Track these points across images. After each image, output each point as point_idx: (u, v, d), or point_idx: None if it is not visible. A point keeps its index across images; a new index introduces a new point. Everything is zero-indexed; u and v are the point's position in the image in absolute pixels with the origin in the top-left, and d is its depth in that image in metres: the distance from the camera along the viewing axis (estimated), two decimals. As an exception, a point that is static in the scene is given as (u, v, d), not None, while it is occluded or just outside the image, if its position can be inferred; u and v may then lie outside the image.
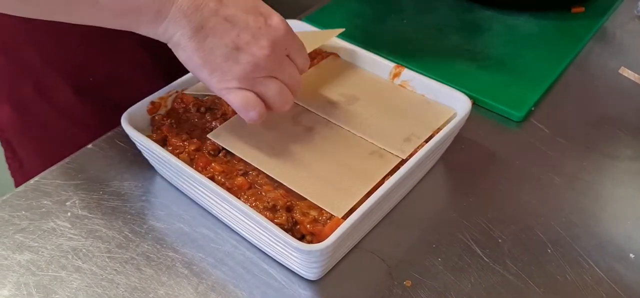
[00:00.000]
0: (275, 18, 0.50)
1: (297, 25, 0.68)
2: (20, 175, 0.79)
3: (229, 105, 0.52)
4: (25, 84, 0.68)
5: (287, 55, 0.51)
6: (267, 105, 0.51)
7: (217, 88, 0.49)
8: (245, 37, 0.48)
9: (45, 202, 0.54)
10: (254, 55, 0.48)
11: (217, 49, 0.48)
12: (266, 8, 0.50)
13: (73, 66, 0.67)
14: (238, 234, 0.51)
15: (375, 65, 0.62)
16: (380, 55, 0.63)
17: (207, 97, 0.59)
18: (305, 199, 0.49)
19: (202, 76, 0.49)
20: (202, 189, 0.51)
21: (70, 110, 0.70)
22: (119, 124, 0.54)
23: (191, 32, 0.47)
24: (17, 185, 0.79)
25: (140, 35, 0.49)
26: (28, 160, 0.76)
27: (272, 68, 0.49)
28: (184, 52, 0.48)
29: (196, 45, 0.47)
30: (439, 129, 0.55)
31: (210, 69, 0.48)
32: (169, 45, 0.49)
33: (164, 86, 0.58)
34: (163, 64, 0.69)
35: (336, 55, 0.65)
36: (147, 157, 0.56)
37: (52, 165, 0.58)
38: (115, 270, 0.49)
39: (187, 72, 0.59)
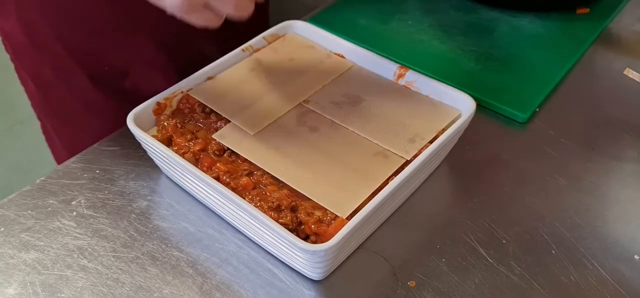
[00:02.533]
0: None
1: (301, 26, 0.68)
2: (54, 148, 0.81)
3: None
4: (45, 65, 0.69)
5: None
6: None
7: (175, 8, 0.46)
8: None
9: (51, 201, 0.54)
10: None
11: None
12: None
13: (88, 54, 0.68)
14: (242, 234, 0.52)
15: (380, 66, 0.63)
16: (385, 56, 0.63)
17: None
18: (310, 199, 0.49)
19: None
20: (207, 189, 0.51)
21: (85, 96, 0.71)
22: (130, 109, 0.54)
23: None
24: (54, 156, 0.81)
25: (156, 33, 0.49)
26: (55, 137, 0.78)
27: None
28: None
29: None
30: (443, 130, 0.55)
31: None
32: None
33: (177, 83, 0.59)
34: (177, 62, 0.69)
35: (341, 55, 0.65)
36: (152, 157, 0.56)
37: (70, 146, 0.58)
38: (121, 269, 0.49)
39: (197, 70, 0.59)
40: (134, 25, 0.50)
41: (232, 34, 0.65)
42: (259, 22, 0.83)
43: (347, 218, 0.46)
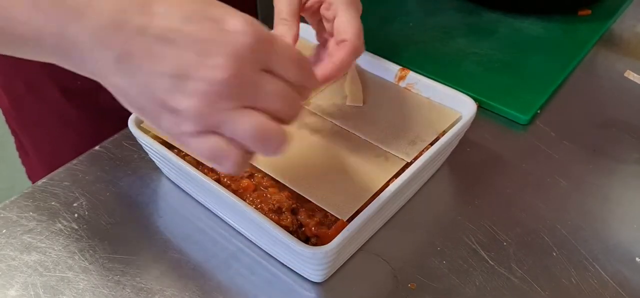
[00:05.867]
0: (235, 20, 0.33)
1: (303, 28, 0.68)
2: (28, 164, 0.80)
3: None
4: (18, 80, 0.67)
5: (266, 70, 0.34)
6: (247, 148, 0.35)
7: (171, 136, 0.35)
8: (189, 57, 0.32)
9: (52, 203, 0.54)
10: (206, 80, 0.32)
11: (154, 81, 0.32)
12: (220, 9, 0.34)
13: (59, 69, 0.67)
14: (243, 236, 0.52)
15: (381, 68, 0.63)
16: (386, 58, 0.63)
17: None
18: (310, 202, 0.49)
19: (155, 124, 0.35)
20: (208, 191, 0.51)
21: (60, 111, 0.69)
22: (109, 129, 0.54)
23: (114, 64, 0.32)
24: (28, 173, 0.80)
25: None
26: (31, 152, 0.77)
27: (239, 93, 0.33)
28: (118, 92, 0.34)
29: (125, 81, 0.33)
30: (444, 132, 0.55)
31: (152, 112, 0.34)
32: (103, 85, 0.35)
33: None
34: None
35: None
36: (153, 159, 0.56)
37: (48, 161, 0.58)
38: (122, 271, 0.49)
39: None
40: None
41: None
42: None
43: (347, 221, 0.46)
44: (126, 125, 0.53)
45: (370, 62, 0.63)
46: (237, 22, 0.33)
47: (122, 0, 0.32)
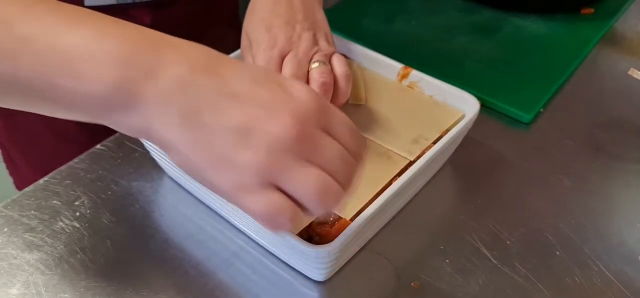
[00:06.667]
0: (300, 86, 0.35)
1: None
2: (18, 177, 0.80)
3: None
4: None
5: (326, 132, 0.35)
6: (302, 206, 0.34)
7: (230, 194, 0.34)
8: (257, 113, 0.33)
9: (54, 202, 0.54)
10: (272, 134, 0.33)
11: (219, 133, 0.33)
12: (287, 79, 0.36)
13: None
14: (245, 234, 0.51)
15: (383, 66, 0.62)
16: (388, 56, 0.63)
17: None
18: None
19: (208, 180, 0.34)
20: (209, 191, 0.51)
21: (55, 125, 0.68)
22: (105, 139, 0.54)
23: (180, 119, 0.33)
24: (17, 186, 0.80)
25: None
26: (21, 165, 0.77)
27: (303, 150, 0.33)
28: (176, 152, 0.34)
29: (190, 136, 0.33)
30: (447, 131, 0.55)
31: (214, 165, 0.33)
32: (160, 148, 0.35)
33: None
34: None
35: (344, 55, 0.65)
36: (155, 158, 0.56)
37: (41, 170, 0.58)
38: (123, 269, 0.49)
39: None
40: None
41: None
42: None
43: (350, 220, 0.46)
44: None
45: (372, 61, 0.63)
46: (302, 87, 0.35)
47: (191, 60, 0.34)
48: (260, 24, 0.54)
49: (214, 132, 0.33)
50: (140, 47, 0.33)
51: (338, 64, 0.54)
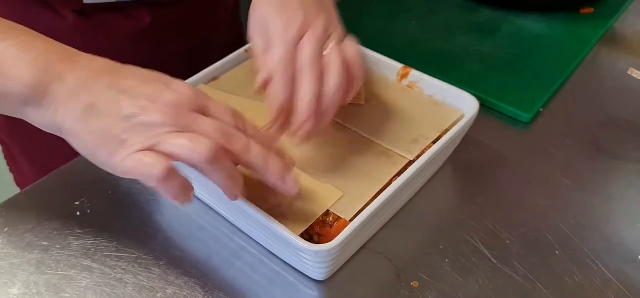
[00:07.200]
0: (178, 83, 0.43)
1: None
2: (18, 174, 0.80)
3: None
4: None
5: (203, 114, 0.43)
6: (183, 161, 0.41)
7: (120, 166, 0.41)
8: (141, 103, 0.41)
9: (55, 201, 0.54)
10: (152, 118, 0.41)
11: (112, 122, 0.41)
12: (169, 78, 0.44)
13: None
14: (245, 234, 0.52)
15: (383, 66, 0.62)
16: (388, 56, 0.63)
17: None
18: (313, 200, 0.49)
19: (104, 161, 0.42)
20: (210, 189, 0.51)
21: None
22: None
23: (82, 112, 0.41)
24: (17, 183, 0.80)
25: (122, 61, 0.46)
26: (22, 163, 0.77)
27: (177, 123, 0.41)
28: (76, 139, 0.42)
29: (90, 125, 0.41)
30: (447, 130, 0.55)
31: (108, 146, 0.41)
32: (65, 139, 0.43)
33: None
34: None
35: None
36: (155, 157, 0.56)
37: (41, 166, 0.58)
38: (124, 269, 0.49)
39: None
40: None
41: (205, 56, 0.65)
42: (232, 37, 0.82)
43: (350, 219, 0.46)
44: None
45: (372, 60, 0.63)
46: (182, 84, 0.43)
47: (94, 68, 0.43)
48: (274, 5, 0.54)
49: (109, 120, 0.41)
50: (57, 57, 0.42)
51: (351, 47, 0.54)
